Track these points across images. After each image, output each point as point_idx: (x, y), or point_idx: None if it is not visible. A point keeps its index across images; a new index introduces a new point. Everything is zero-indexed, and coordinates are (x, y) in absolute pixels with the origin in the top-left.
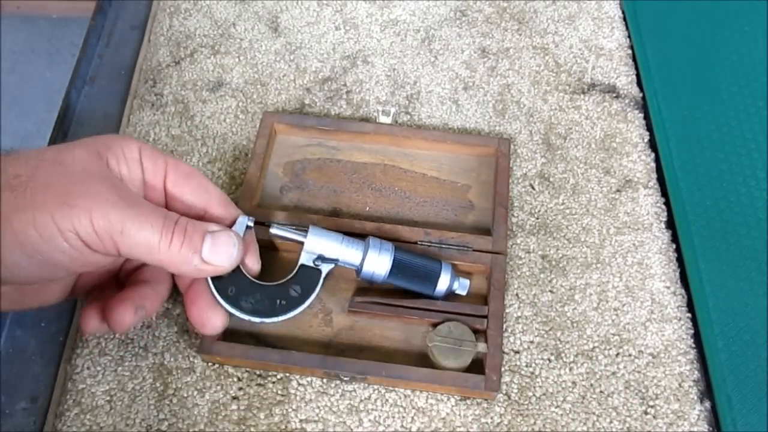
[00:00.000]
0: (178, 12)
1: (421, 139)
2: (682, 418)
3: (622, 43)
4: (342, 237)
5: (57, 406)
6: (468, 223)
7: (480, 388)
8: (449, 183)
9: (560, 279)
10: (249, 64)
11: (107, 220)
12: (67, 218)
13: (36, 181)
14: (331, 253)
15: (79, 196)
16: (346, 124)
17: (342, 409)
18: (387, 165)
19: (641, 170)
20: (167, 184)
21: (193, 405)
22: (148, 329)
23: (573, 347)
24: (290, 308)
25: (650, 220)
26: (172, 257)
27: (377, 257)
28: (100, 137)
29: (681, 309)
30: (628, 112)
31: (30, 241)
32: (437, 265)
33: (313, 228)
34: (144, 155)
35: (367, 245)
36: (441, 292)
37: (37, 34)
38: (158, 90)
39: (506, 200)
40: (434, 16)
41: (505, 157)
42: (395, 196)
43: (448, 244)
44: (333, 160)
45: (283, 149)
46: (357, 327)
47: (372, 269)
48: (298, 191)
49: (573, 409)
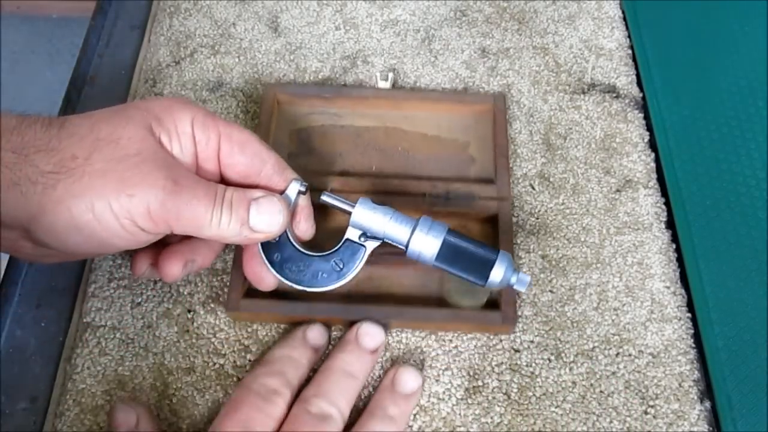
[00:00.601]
0: (178, 12)
1: (419, 100)
2: (682, 418)
3: (622, 43)
4: (392, 213)
5: (57, 406)
6: (471, 175)
7: (497, 322)
8: (450, 140)
9: (560, 279)
10: (249, 64)
11: (164, 208)
12: (125, 207)
13: (92, 164)
14: (376, 229)
15: (135, 185)
16: (346, 91)
17: None
18: (388, 128)
19: (641, 170)
20: (221, 155)
21: (193, 405)
22: (149, 329)
23: (573, 347)
24: (331, 281)
25: (650, 220)
26: (222, 233)
27: (425, 237)
28: (152, 104)
29: (681, 309)
30: (628, 112)
31: (89, 226)
32: (493, 254)
33: (363, 200)
34: (196, 127)
35: (416, 223)
36: (494, 284)
37: (37, 34)
38: (158, 90)
39: (506, 150)
40: (434, 16)
41: (501, 112)
42: (399, 156)
43: (455, 195)
44: (336, 126)
45: (286, 119)
46: (375, 277)
47: (419, 249)
48: (305, 157)
49: (573, 409)
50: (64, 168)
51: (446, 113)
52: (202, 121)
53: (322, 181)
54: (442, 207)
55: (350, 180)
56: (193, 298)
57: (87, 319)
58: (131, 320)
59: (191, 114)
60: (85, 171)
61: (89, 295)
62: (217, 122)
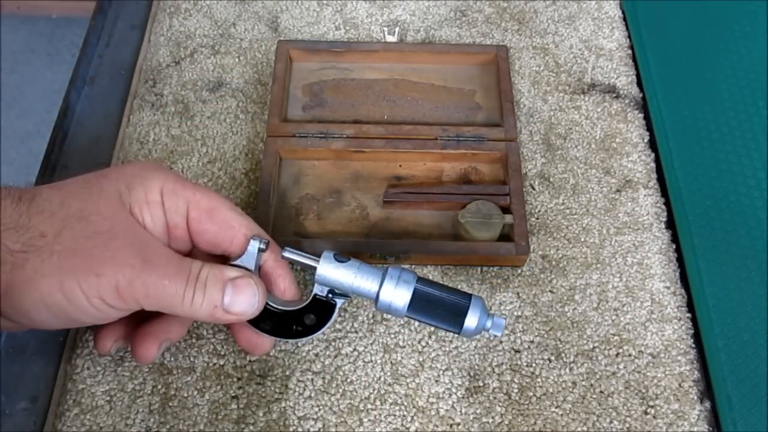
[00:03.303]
0: (178, 12)
1: (426, 53)
2: (682, 418)
3: (622, 43)
4: (358, 265)
5: (57, 406)
6: (479, 121)
7: (512, 253)
8: (456, 90)
9: (560, 279)
10: (249, 64)
11: (132, 287)
12: (94, 287)
13: (62, 242)
14: (342, 285)
15: (104, 263)
16: (356, 45)
17: (342, 408)
18: (398, 79)
19: (641, 170)
20: (190, 223)
21: (193, 405)
22: None
23: (573, 347)
24: (306, 333)
25: (650, 220)
26: (194, 312)
27: (394, 290)
28: (124, 171)
29: (681, 309)
30: (628, 112)
31: (57, 304)
32: (465, 300)
33: (326, 254)
34: (166, 195)
35: (384, 275)
36: (470, 331)
37: (37, 34)
38: (158, 90)
39: (510, 95)
40: (434, 16)
41: (504, 61)
42: (409, 105)
43: (464, 137)
44: (347, 80)
45: (299, 74)
46: (392, 217)
47: (389, 301)
48: (319, 108)
49: (573, 409)
50: (33, 247)
51: (452, 64)
52: (171, 188)
53: (337, 128)
54: (453, 149)
55: (364, 127)
56: None
57: None
58: None
59: (161, 181)
60: (54, 249)
61: None
62: (186, 188)
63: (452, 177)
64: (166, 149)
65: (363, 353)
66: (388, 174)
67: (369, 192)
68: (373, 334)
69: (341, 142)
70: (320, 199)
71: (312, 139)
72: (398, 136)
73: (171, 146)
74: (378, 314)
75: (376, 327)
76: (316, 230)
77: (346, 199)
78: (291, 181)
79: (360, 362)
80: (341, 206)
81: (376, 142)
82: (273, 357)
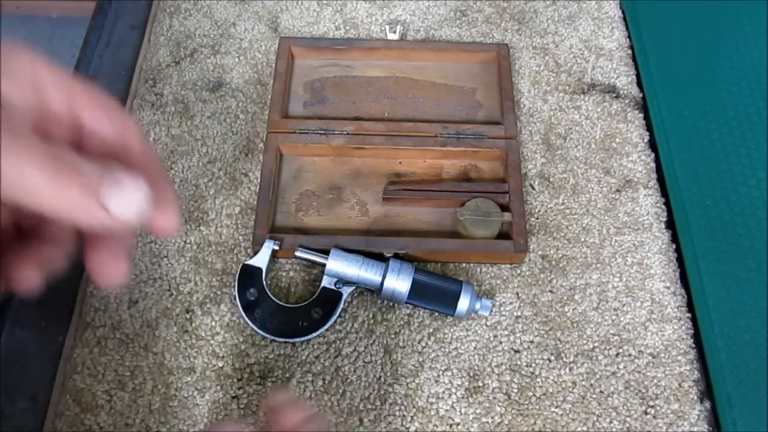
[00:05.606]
0: (178, 12)
1: (427, 50)
2: (682, 418)
3: (622, 43)
4: (362, 260)
5: (57, 406)
6: (479, 118)
7: (510, 250)
8: (457, 87)
9: (560, 279)
10: (249, 64)
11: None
12: None
13: None
14: (350, 275)
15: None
16: (357, 42)
17: (342, 409)
18: (399, 77)
19: (641, 170)
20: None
21: (193, 405)
22: (148, 329)
23: (573, 347)
24: (312, 329)
25: (650, 220)
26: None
27: (396, 280)
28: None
29: (681, 309)
30: (628, 112)
31: None
32: (458, 286)
33: (335, 251)
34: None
35: (387, 267)
36: (462, 312)
37: (37, 34)
38: (158, 90)
39: (511, 94)
40: (434, 16)
41: (506, 59)
42: (410, 103)
43: (464, 135)
44: (348, 77)
45: (300, 71)
46: (392, 214)
47: (392, 290)
48: (320, 105)
49: (573, 409)
50: None
51: (453, 62)
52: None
53: (338, 125)
54: (453, 146)
55: (365, 124)
56: (192, 297)
57: (87, 318)
58: (129, 319)
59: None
60: None
61: (88, 295)
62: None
63: (452, 174)
64: (166, 149)
65: (363, 353)
66: (388, 171)
67: (369, 188)
68: (373, 334)
69: (342, 138)
70: (320, 195)
71: (312, 135)
72: (398, 133)
73: (171, 146)
74: (378, 315)
75: (376, 327)
76: (315, 226)
77: (346, 195)
78: (291, 177)
79: (360, 362)
80: (341, 202)
81: (376, 139)
82: (273, 359)
